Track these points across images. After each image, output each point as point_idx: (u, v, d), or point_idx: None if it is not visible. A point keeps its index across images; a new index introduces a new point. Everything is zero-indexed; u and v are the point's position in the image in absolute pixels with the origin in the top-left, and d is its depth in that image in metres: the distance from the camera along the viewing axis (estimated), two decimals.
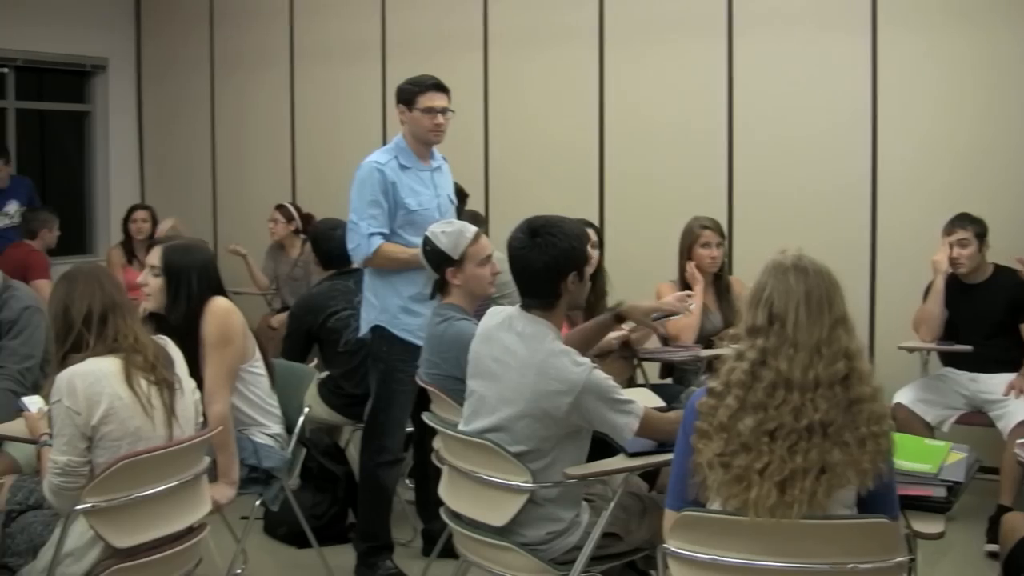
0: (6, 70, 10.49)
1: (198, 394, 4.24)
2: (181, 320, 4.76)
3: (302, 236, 8.67)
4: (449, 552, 4.65)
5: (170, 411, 3.94)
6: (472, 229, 5.05)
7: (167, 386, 3.95)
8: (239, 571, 5.30)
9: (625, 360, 5.97)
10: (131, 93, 11.32)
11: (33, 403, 4.51)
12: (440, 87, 5.50)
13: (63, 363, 3.87)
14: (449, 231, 4.98)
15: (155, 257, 4.87)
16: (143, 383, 3.86)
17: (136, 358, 3.88)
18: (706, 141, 7.71)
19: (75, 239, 10.85)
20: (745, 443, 3.02)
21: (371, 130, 9.01)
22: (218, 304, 4.80)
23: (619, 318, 4.64)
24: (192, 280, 4.79)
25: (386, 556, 5.57)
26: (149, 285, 4.84)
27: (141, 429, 3.84)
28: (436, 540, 5.10)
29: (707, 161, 7.70)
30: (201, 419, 4.27)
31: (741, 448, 3.03)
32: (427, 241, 4.99)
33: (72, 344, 3.90)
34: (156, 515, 3.91)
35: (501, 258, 5.21)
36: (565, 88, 8.29)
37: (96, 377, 3.80)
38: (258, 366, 4.95)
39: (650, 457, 3.99)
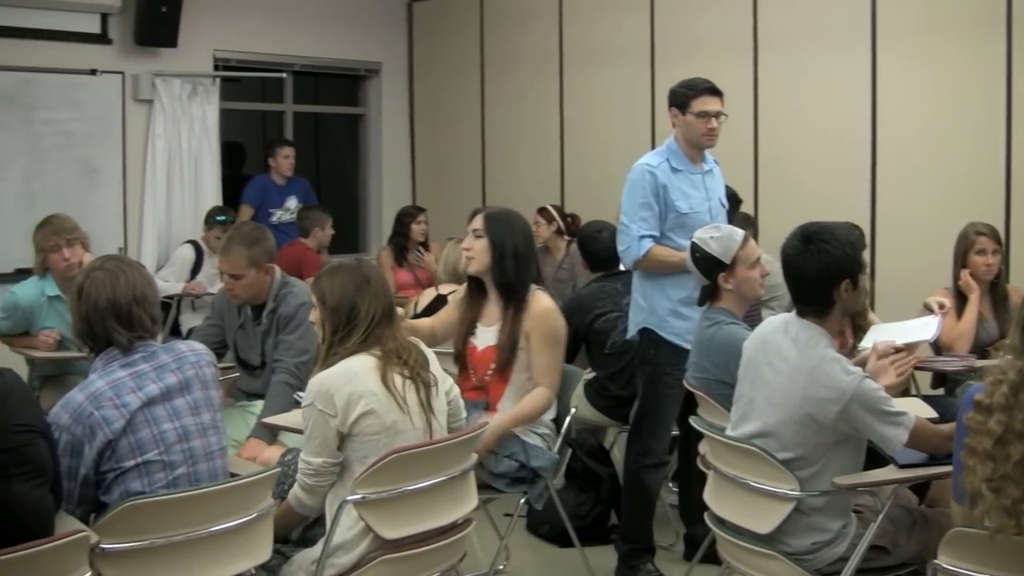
0: (284, 75, 10.86)
1: (455, 391, 4.31)
2: (506, 281, 4.98)
3: (566, 238, 8.71)
4: (711, 558, 4.62)
5: (427, 407, 4.01)
6: (740, 232, 5.00)
7: (422, 383, 4.02)
8: (501, 567, 5.37)
9: None
10: (403, 96, 11.59)
11: None
12: (714, 91, 5.45)
13: (328, 357, 4.00)
14: (718, 236, 4.94)
15: (478, 222, 5.07)
16: (397, 379, 3.94)
17: (391, 356, 3.97)
18: (983, 143, 7.44)
19: (348, 238, 11.15)
20: (1011, 475, 2.90)
21: (640, 132, 8.99)
22: (545, 304, 5.02)
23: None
24: (517, 243, 5.01)
25: (647, 559, 5.55)
26: (473, 248, 5.04)
27: (398, 423, 3.91)
28: (698, 545, 5.06)
29: (984, 164, 7.43)
30: (464, 416, 4.35)
31: (1009, 478, 2.90)
32: (696, 247, 4.95)
33: (340, 340, 4.01)
34: (424, 508, 3.97)
35: (770, 260, 5.15)
36: (836, 89, 8.10)
37: (349, 377, 3.89)
38: None
39: (921, 469, 3.90)
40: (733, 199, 5.98)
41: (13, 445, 3.00)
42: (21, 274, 7.09)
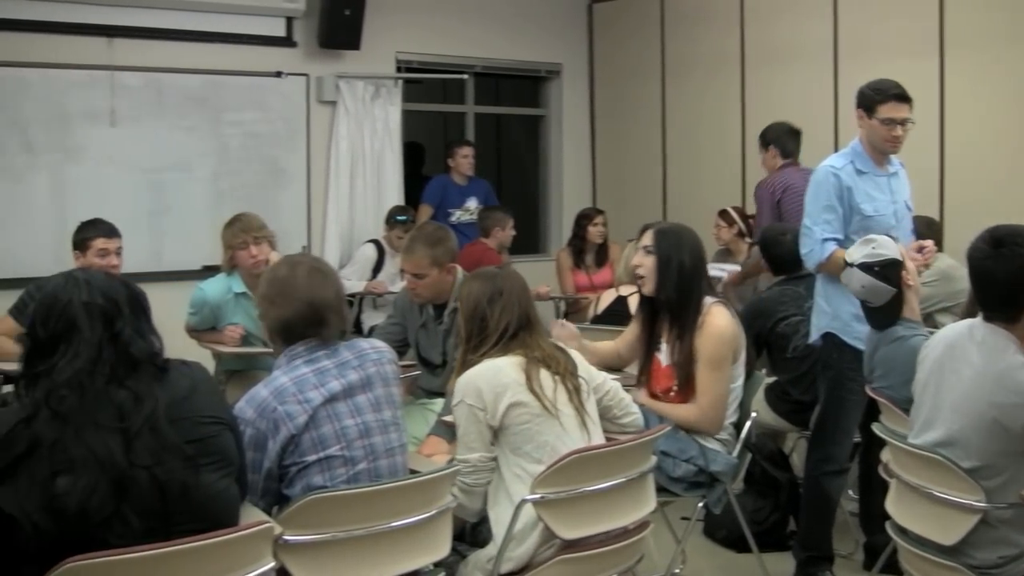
0: (465, 76, 10.94)
1: (609, 384, 4.33)
2: (668, 297, 4.95)
3: (748, 240, 8.62)
4: (892, 568, 4.52)
5: (580, 407, 4.05)
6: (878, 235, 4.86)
7: (573, 386, 4.07)
8: (678, 571, 5.34)
9: None
10: (584, 97, 11.61)
11: None
12: (902, 97, 5.31)
13: (464, 364, 4.09)
14: (877, 241, 4.69)
15: (648, 238, 5.07)
16: (545, 376, 4.01)
17: (536, 362, 4.04)
18: None
19: (528, 240, 11.21)
20: None
21: (822, 134, 8.84)
22: (717, 324, 4.92)
23: None
24: (683, 259, 4.96)
25: (826, 567, 5.49)
26: (644, 265, 5.04)
27: (546, 412, 3.97)
28: (878, 554, 4.94)
29: None
30: (636, 412, 4.36)
31: None
32: (868, 267, 4.65)
33: (474, 347, 4.13)
34: (602, 510, 3.99)
35: (956, 265, 5.03)
36: None
37: (495, 371, 3.98)
38: (739, 379, 5.03)
39: None
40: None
41: (201, 436, 3.07)
42: (208, 271, 7.26)
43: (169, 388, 3.07)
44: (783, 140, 7.85)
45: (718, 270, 7.89)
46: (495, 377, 3.97)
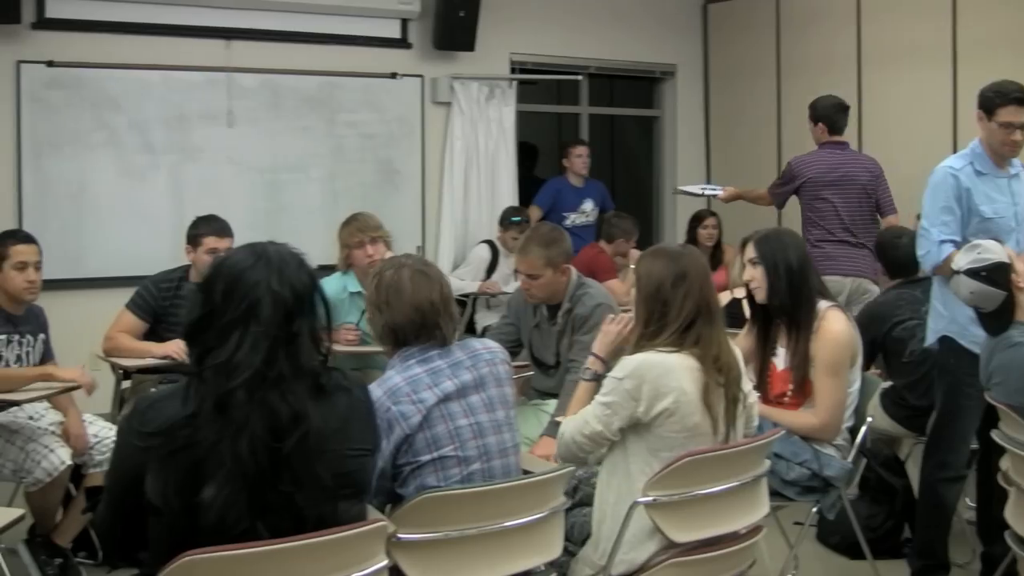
0: (580, 77, 10.94)
1: (752, 397, 4.26)
2: (782, 301, 4.88)
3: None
4: None
5: (731, 424, 3.97)
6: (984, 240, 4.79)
7: (733, 398, 3.97)
8: None
9: None
10: (698, 99, 11.56)
11: None
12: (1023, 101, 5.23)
13: (638, 348, 3.96)
14: (982, 246, 4.65)
15: (750, 250, 4.99)
16: (711, 384, 3.88)
17: (711, 364, 3.91)
18: None
19: (642, 242, 11.12)
20: None
21: (940, 134, 8.73)
22: (833, 328, 4.84)
23: None
24: (789, 260, 4.88)
25: None
26: (755, 278, 4.95)
27: (699, 426, 3.86)
28: (996, 564, 4.87)
29: None
30: (756, 423, 4.32)
31: None
32: (974, 272, 4.61)
33: (651, 334, 3.96)
34: (715, 513, 3.95)
35: None
36: None
37: (666, 369, 3.83)
38: (855, 384, 4.95)
39: None
40: None
41: (346, 470, 3.00)
42: (323, 270, 7.32)
43: (327, 412, 2.97)
44: (833, 116, 7.80)
45: (710, 189, 8.83)
46: (662, 377, 3.82)
